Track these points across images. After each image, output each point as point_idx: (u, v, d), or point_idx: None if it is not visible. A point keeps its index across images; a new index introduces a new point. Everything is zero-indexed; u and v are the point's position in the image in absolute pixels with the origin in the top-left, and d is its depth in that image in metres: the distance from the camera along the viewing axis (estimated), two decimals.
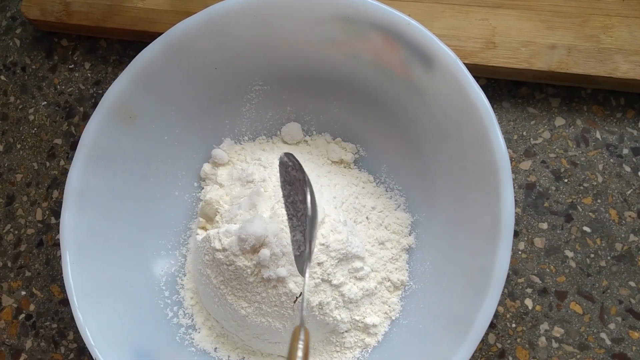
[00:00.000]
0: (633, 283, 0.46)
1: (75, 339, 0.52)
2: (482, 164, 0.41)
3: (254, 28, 0.47)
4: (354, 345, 0.45)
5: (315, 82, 0.50)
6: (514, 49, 0.50)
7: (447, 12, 0.51)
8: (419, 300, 0.45)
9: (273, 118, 0.52)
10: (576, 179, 0.49)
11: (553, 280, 0.47)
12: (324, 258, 0.42)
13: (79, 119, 0.58)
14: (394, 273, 0.46)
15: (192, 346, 0.47)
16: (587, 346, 0.46)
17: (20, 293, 0.54)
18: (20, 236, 0.56)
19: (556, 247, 0.48)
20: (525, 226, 0.49)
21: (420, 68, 0.43)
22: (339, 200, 0.47)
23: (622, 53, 0.48)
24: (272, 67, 0.49)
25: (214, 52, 0.48)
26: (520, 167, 0.50)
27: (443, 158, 0.45)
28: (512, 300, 0.47)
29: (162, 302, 0.48)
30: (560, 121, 0.51)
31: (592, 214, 0.48)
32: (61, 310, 0.53)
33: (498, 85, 0.52)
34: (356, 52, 0.46)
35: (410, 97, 0.46)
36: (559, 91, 0.51)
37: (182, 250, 0.50)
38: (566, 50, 0.49)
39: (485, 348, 0.47)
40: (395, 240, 0.47)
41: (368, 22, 0.44)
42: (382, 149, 0.50)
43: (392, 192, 0.49)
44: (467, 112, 0.41)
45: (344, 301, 0.44)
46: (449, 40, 0.50)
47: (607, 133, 0.50)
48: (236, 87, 0.50)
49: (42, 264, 0.54)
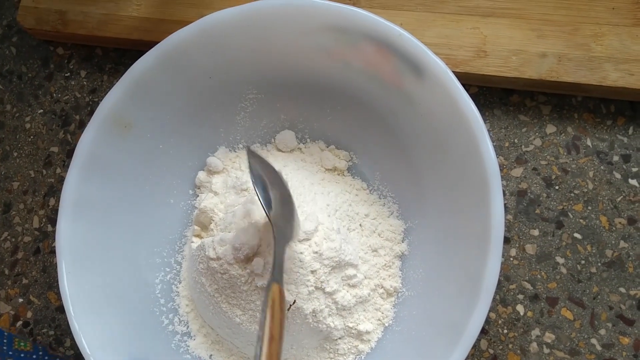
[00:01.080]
0: (623, 289, 0.47)
1: (72, 345, 0.52)
2: (473, 173, 0.41)
3: (248, 38, 0.47)
4: (348, 352, 0.46)
5: (308, 91, 0.50)
6: (504, 58, 0.50)
7: (439, 21, 0.52)
8: (412, 307, 0.46)
9: (267, 126, 0.53)
10: (567, 186, 0.50)
11: (544, 286, 0.48)
12: (318, 266, 0.43)
13: (75, 127, 0.58)
14: (387, 280, 0.47)
15: (187, 353, 0.47)
16: (578, 352, 0.46)
17: (18, 300, 0.54)
18: (17, 244, 0.56)
19: (547, 254, 0.48)
20: (517, 233, 0.49)
21: (411, 77, 0.44)
22: (332, 207, 0.47)
23: (612, 61, 0.49)
24: (266, 76, 0.50)
25: (209, 62, 0.48)
26: (511, 174, 0.50)
27: (434, 166, 0.46)
28: (504, 306, 0.48)
29: (158, 310, 0.48)
30: (551, 128, 0.51)
31: (582, 220, 0.49)
32: (58, 317, 0.53)
33: (489, 93, 0.53)
34: (349, 62, 0.47)
35: (401, 105, 0.46)
36: (550, 99, 0.52)
37: (177, 257, 0.51)
38: (556, 59, 0.50)
39: (478, 354, 0.47)
40: (388, 247, 0.48)
41: (361, 33, 0.45)
42: (376, 156, 0.51)
43: (385, 200, 0.50)
44: (457, 121, 0.42)
45: (337, 308, 0.44)
46: (440, 49, 0.51)
47: (598, 140, 0.50)
48: (230, 96, 0.51)
49: (39, 271, 0.55)
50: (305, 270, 0.43)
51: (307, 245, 0.43)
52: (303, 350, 0.46)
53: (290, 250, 0.42)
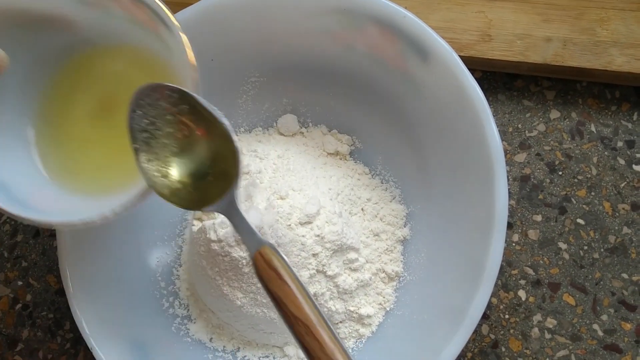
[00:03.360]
0: (626, 275, 0.47)
1: (71, 328, 0.52)
2: (477, 157, 0.41)
3: (250, 20, 0.47)
4: (349, 335, 0.46)
5: (311, 74, 0.50)
6: (509, 42, 0.50)
7: (444, 4, 0.51)
8: (413, 292, 0.46)
9: (269, 110, 0.52)
10: (570, 172, 0.49)
11: (546, 272, 0.48)
12: (319, 249, 0.43)
13: None
14: (388, 264, 0.47)
15: (187, 336, 0.47)
16: (580, 337, 0.46)
17: (17, 283, 0.54)
18: (16, 227, 0.56)
19: (550, 239, 0.48)
20: (520, 218, 0.49)
21: (416, 61, 0.44)
22: (334, 191, 0.47)
23: (617, 46, 0.49)
24: (269, 59, 0.49)
25: (210, 44, 0.48)
26: (515, 160, 0.50)
27: (438, 150, 0.45)
28: (506, 291, 0.48)
29: (158, 293, 0.48)
30: (555, 114, 0.51)
31: (586, 206, 0.49)
32: (57, 300, 0.53)
33: (494, 77, 0.52)
34: (353, 44, 0.46)
35: (406, 89, 0.46)
36: (554, 84, 0.51)
37: (178, 241, 0.51)
38: (562, 43, 0.49)
39: (479, 339, 0.47)
40: (390, 231, 0.48)
41: (365, 15, 0.44)
42: (378, 140, 0.50)
43: (387, 184, 0.50)
44: (462, 105, 0.41)
45: (338, 292, 0.44)
46: (445, 33, 0.50)
47: (602, 126, 0.50)
48: (232, 79, 0.50)
49: (39, 254, 0.55)
50: (306, 254, 0.43)
51: (308, 228, 0.43)
52: None
53: (291, 231, 0.42)
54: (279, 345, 0.47)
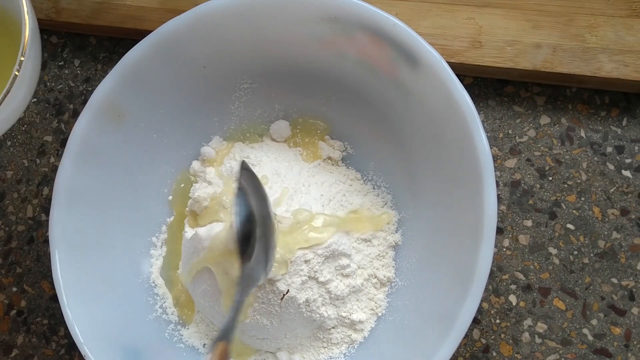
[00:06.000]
0: (615, 280, 0.47)
1: (66, 334, 0.52)
2: (466, 163, 0.41)
3: (242, 27, 0.47)
4: (341, 341, 0.46)
5: (303, 81, 0.50)
6: (499, 48, 0.50)
7: (434, 10, 0.52)
8: (405, 297, 0.46)
9: (262, 116, 0.53)
10: (560, 177, 0.50)
11: (537, 276, 0.48)
12: (311, 255, 0.43)
13: (69, 116, 0.58)
14: (380, 270, 0.47)
15: (181, 342, 0.47)
16: (570, 342, 0.46)
17: (12, 289, 0.54)
18: (11, 233, 0.56)
19: (540, 244, 0.49)
20: (510, 223, 0.49)
21: (406, 68, 0.44)
22: (326, 197, 0.47)
23: (606, 52, 0.49)
24: (261, 66, 0.50)
25: (203, 51, 0.48)
26: (505, 165, 0.51)
27: (428, 156, 0.46)
28: (497, 296, 0.48)
29: (151, 299, 0.48)
30: (545, 119, 0.51)
31: (575, 211, 0.49)
32: (52, 306, 0.53)
33: (484, 83, 0.53)
34: (344, 52, 0.47)
35: (396, 96, 0.46)
36: (544, 90, 0.52)
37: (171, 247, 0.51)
38: (551, 50, 0.50)
39: (470, 343, 0.47)
40: (382, 237, 0.48)
41: (356, 23, 0.44)
42: (370, 146, 0.50)
43: (379, 190, 0.50)
44: (451, 112, 0.42)
45: (330, 298, 0.44)
46: (435, 39, 0.51)
47: (592, 131, 0.50)
48: (225, 85, 0.51)
49: (33, 260, 0.55)
50: (299, 260, 0.43)
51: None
52: (296, 340, 0.46)
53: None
54: (272, 350, 0.47)
